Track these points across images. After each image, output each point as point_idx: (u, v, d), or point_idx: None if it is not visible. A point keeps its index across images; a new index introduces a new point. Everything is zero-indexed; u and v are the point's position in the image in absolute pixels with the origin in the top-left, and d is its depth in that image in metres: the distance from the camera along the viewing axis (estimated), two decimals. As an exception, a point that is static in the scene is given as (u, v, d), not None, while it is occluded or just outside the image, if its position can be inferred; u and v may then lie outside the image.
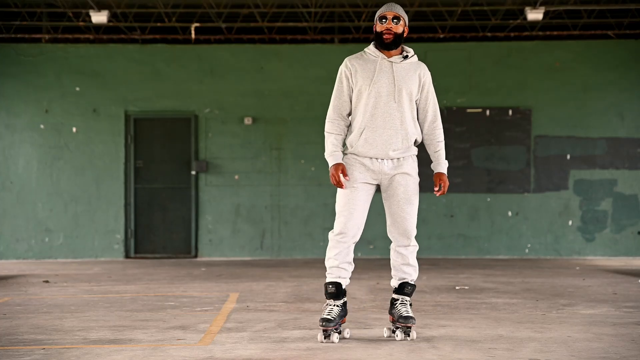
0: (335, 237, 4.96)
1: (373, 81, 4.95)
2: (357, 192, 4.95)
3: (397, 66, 4.99)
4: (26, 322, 5.89)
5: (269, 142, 12.98)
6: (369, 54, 5.04)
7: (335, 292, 4.96)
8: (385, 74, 4.97)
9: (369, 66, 4.99)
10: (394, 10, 4.98)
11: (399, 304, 5.02)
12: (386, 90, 4.95)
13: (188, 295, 7.68)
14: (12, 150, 12.90)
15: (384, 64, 4.98)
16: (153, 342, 5.02)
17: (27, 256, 12.83)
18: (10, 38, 13.01)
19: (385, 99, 4.95)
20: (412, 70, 5.02)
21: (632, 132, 12.94)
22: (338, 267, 4.96)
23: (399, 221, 5.01)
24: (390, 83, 4.96)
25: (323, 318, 4.91)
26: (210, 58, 13.08)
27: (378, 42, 5.01)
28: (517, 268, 10.75)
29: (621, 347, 4.74)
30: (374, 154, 4.96)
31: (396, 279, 5.08)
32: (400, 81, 4.97)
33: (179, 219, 12.98)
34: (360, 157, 4.98)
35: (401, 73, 4.99)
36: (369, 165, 4.97)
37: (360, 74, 4.97)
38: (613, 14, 12.79)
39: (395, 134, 4.96)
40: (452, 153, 12.86)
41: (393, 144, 4.96)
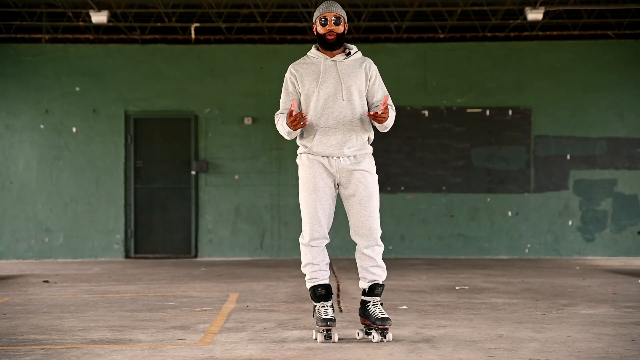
0: (308, 244, 4.98)
1: (319, 82, 4.95)
2: (320, 194, 4.95)
3: (341, 64, 4.99)
4: (26, 322, 5.89)
5: (269, 142, 12.98)
6: (311, 57, 5.04)
7: (325, 293, 4.98)
8: (331, 74, 4.97)
9: (313, 69, 4.99)
10: (334, 11, 4.96)
11: (372, 305, 4.98)
12: (333, 90, 4.95)
13: (188, 295, 7.68)
14: (12, 150, 12.90)
15: (327, 64, 4.98)
16: (153, 342, 5.02)
17: (27, 256, 12.83)
18: (10, 38, 13.01)
19: (334, 97, 4.94)
20: (357, 67, 5.01)
21: (632, 132, 12.94)
22: (320, 270, 4.99)
23: (363, 221, 4.96)
24: (337, 82, 4.96)
25: (325, 319, 4.88)
26: (210, 58, 13.09)
27: (321, 44, 5.00)
28: (517, 268, 10.75)
29: (621, 347, 4.74)
30: (330, 153, 4.95)
31: (365, 281, 5.03)
32: (347, 79, 4.96)
33: (179, 219, 12.98)
34: (317, 156, 4.95)
35: (346, 70, 4.98)
36: (327, 164, 4.95)
37: (306, 77, 4.98)
38: (613, 14, 12.79)
39: (348, 132, 4.94)
40: (452, 153, 12.87)
41: (347, 142, 4.94)
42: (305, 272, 5.04)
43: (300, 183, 5.01)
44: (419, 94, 12.95)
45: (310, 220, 4.96)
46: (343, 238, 12.46)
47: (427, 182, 12.86)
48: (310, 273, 5.01)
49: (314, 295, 4.99)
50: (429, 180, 12.85)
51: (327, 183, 4.97)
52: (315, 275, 5.00)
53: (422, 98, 12.94)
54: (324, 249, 5.01)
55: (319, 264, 4.99)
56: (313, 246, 4.98)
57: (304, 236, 5.01)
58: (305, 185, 4.98)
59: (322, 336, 4.92)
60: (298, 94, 5.02)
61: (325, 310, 4.94)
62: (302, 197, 5.00)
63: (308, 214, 4.96)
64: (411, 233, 12.93)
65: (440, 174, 12.87)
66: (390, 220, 12.87)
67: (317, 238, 4.97)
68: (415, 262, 11.82)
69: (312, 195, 4.95)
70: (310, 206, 4.95)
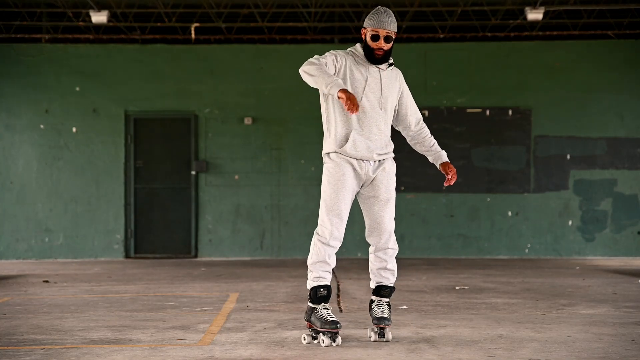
0: (327, 243, 4.86)
1: (365, 87, 4.90)
2: (347, 194, 4.89)
3: (384, 74, 4.97)
4: (26, 322, 5.88)
5: (269, 142, 12.98)
6: (357, 56, 4.96)
7: (326, 294, 4.88)
8: (375, 81, 4.93)
9: (360, 69, 4.93)
10: (387, 28, 4.86)
11: (375, 305, 5.00)
12: (376, 97, 4.93)
13: (188, 295, 7.68)
14: (12, 150, 12.90)
15: (373, 70, 4.94)
16: (153, 342, 5.02)
17: (27, 256, 12.83)
18: (10, 38, 13.01)
19: (374, 104, 4.93)
20: (393, 79, 5.01)
21: (632, 132, 12.94)
22: (328, 271, 4.91)
23: (380, 222, 4.96)
24: (379, 91, 4.94)
25: (331, 321, 4.79)
26: (210, 58, 13.09)
27: (367, 55, 4.92)
28: (517, 268, 10.75)
29: (621, 347, 4.74)
30: (362, 156, 4.92)
31: (373, 282, 5.04)
32: (387, 89, 4.96)
33: (179, 219, 12.98)
34: (349, 157, 4.91)
35: (387, 81, 4.97)
36: (357, 167, 4.92)
37: (354, 75, 4.89)
38: (613, 14, 12.79)
39: (380, 140, 4.96)
40: (452, 153, 12.85)
41: (378, 149, 4.96)
42: (312, 269, 4.89)
43: (327, 180, 4.90)
44: (419, 94, 12.89)
45: (333, 218, 4.86)
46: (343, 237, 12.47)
47: (427, 182, 12.86)
48: (319, 271, 4.87)
49: (314, 295, 4.87)
50: (429, 180, 12.85)
51: (353, 184, 4.92)
52: (324, 275, 4.88)
53: (422, 98, 12.93)
54: (334, 252, 4.92)
55: (330, 265, 4.90)
56: (332, 246, 4.87)
57: (323, 234, 4.87)
58: (332, 183, 4.88)
59: (329, 339, 4.80)
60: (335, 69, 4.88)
61: (328, 312, 4.86)
62: (328, 194, 4.88)
63: (333, 212, 4.86)
64: (411, 233, 12.92)
65: (441, 174, 12.85)
66: (390, 220, 12.85)
67: (338, 238, 4.89)
68: (415, 262, 11.81)
69: (340, 193, 4.87)
70: (335, 204, 4.86)
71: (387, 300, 5.02)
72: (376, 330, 4.96)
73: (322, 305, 4.88)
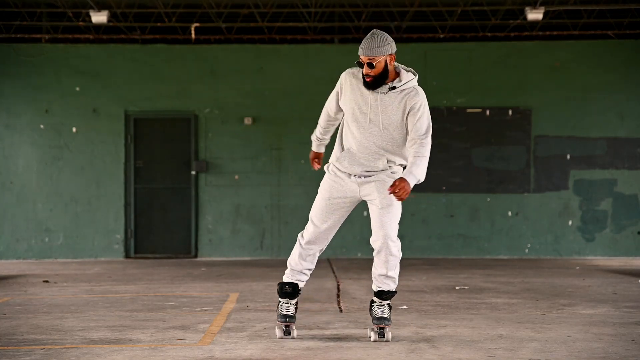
0: (304, 244, 5.11)
1: (360, 105, 4.96)
2: (333, 207, 5.07)
3: (382, 96, 4.94)
4: (26, 322, 5.89)
5: (269, 142, 12.98)
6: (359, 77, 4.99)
7: (291, 291, 5.13)
8: (374, 101, 4.93)
9: (360, 88, 4.95)
10: (368, 55, 4.83)
11: (376, 305, 5.08)
12: (369, 118, 4.95)
13: (188, 295, 7.68)
14: (12, 150, 12.90)
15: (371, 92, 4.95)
16: (153, 342, 5.02)
17: (27, 256, 12.83)
18: (10, 38, 13.00)
19: (369, 125, 4.96)
20: (397, 100, 4.95)
21: (632, 132, 12.94)
22: (301, 271, 5.13)
23: (377, 227, 5.01)
24: (376, 111, 4.94)
25: (284, 315, 5.08)
26: (210, 58, 13.08)
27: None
28: (517, 268, 10.75)
29: (621, 347, 4.75)
30: (353, 172, 5.03)
31: (375, 286, 5.11)
32: (382, 110, 4.94)
33: (179, 219, 12.98)
34: (342, 171, 5.06)
35: (384, 104, 4.93)
36: (348, 181, 5.04)
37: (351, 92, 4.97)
38: (613, 14, 12.79)
39: (373, 159, 5.01)
40: (452, 153, 12.86)
41: (372, 167, 5.02)
42: (288, 265, 5.17)
43: (320, 190, 5.14)
44: (419, 94, 12.92)
45: (315, 223, 5.10)
46: (343, 237, 12.48)
47: (427, 182, 12.76)
48: (290, 269, 5.15)
49: (280, 290, 5.15)
50: (429, 180, 12.76)
51: (341, 197, 5.06)
52: (293, 273, 5.14)
53: (422, 98, 12.91)
54: (315, 255, 5.14)
55: (302, 266, 5.13)
56: (307, 248, 5.11)
57: (304, 235, 5.13)
58: (322, 192, 5.12)
59: (281, 332, 5.07)
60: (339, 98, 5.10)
61: (286, 307, 5.12)
62: (317, 203, 5.13)
63: (317, 220, 5.09)
64: (411, 233, 12.92)
65: (440, 174, 12.86)
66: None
67: (315, 243, 5.11)
68: (415, 262, 11.81)
69: (324, 202, 5.08)
70: (320, 214, 5.09)
71: (388, 302, 5.08)
72: (376, 330, 5.00)
73: (285, 300, 5.14)
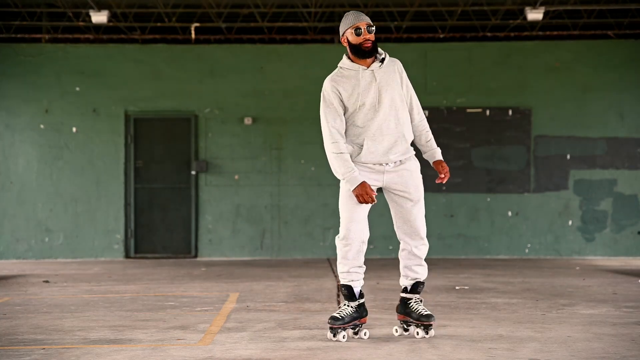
0: (341, 242, 5.04)
1: (361, 95, 4.96)
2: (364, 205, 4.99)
3: (379, 72, 5.00)
4: (26, 322, 5.89)
5: (269, 142, 12.98)
6: (347, 69, 5.01)
7: (348, 294, 5.04)
8: (372, 85, 4.97)
9: (352, 82, 4.98)
10: (365, 20, 5.00)
11: (414, 303, 5.10)
12: (377, 100, 4.97)
13: (188, 295, 7.68)
14: (12, 150, 12.90)
15: (365, 74, 4.98)
16: (153, 342, 5.02)
17: (27, 256, 12.83)
18: (10, 38, 13.01)
19: (378, 107, 4.97)
20: (391, 71, 5.05)
21: (632, 132, 12.94)
22: (348, 271, 5.04)
23: (412, 220, 5.08)
24: (377, 92, 4.97)
25: (332, 316, 4.99)
26: (210, 58, 13.08)
27: (357, 53, 4.97)
28: (517, 268, 10.75)
29: (621, 347, 4.74)
30: (377, 161, 5.00)
31: (408, 279, 5.14)
32: (387, 87, 4.99)
33: (179, 219, 12.98)
34: (365, 165, 5.00)
35: (385, 78, 5.00)
36: (374, 171, 5.01)
37: (348, 92, 4.96)
38: (613, 14, 12.79)
39: (393, 139, 5.00)
40: (452, 153, 12.86)
41: (393, 149, 5.00)
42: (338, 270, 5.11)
43: (343, 193, 5.01)
44: (419, 94, 12.75)
45: (346, 218, 4.99)
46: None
47: (427, 182, 12.80)
48: (340, 272, 5.07)
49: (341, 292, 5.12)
50: (429, 180, 12.78)
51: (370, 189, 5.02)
52: (343, 275, 5.05)
53: (422, 98, 12.72)
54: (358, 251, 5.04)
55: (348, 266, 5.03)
56: (346, 245, 5.02)
57: (340, 234, 5.05)
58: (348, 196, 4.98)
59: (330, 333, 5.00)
60: (343, 108, 4.98)
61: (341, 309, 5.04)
62: (345, 207, 5.01)
63: (345, 213, 5.00)
64: (411, 233, 12.90)
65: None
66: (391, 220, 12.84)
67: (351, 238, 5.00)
68: (415, 262, 11.79)
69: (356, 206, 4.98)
70: (349, 207, 4.98)
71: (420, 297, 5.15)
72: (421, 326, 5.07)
73: (345, 304, 5.06)
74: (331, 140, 4.94)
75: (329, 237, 12.81)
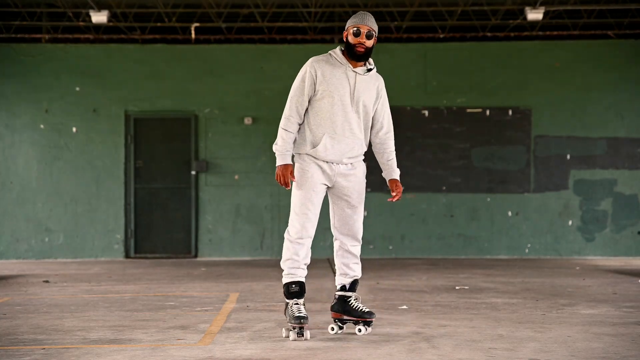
0: (294, 240, 5.09)
1: (338, 89, 5.04)
2: (315, 195, 5.10)
3: (360, 78, 5.09)
4: (26, 322, 5.89)
5: (269, 142, 12.96)
6: (335, 59, 5.10)
7: (299, 290, 5.10)
8: (350, 84, 5.06)
9: (335, 72, 5.06)
10: (368, 25, 5.03)
11: (354, 300, 5.19)
12: (348, 100, 5.06)
13: (188, 295, 7.68)
14: (12, 150, 12.90)
15: (349, 73, 5.07)
16: (153, 342, 5.02)
17: (27, 256, 12.83)
18: (10, 38, 13.01)
19: (348, 108, 5.06)
20: (371, 83, 5.14)
21: (632, 132, 12.94)
22: (299, 267, 5.11)
23: (352, 223, 5.18)
24: (352, 93, 5.07)
25: (299, 317, 5.00)
26: (210, 58, 13.09)
27: (349, 52, 5.06)
28: (517, 268, 10.75)
29: (621, 347, 4.74)
30: (331, 159, 5.09)
31: (347, 277, 5.22)
32: (360, 93, 5.09)
33: (179, 219, 12.98)
34: (318, 160, 5.09)
35: (363, 85, 5.10)
36: (326, 168, 5.10)
37: (326, 78, 5.04)
38: (613, 14, 12.79)
39: (352, 142, 5.11)
40: (452, 153, 12.86)
41: (349, 152, 5.11)
42: (283, 268, 5.14)
43: (297, 180, 5.11)
44: (419, 94, 12.95)
45: (301, 217, 5.09)
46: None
47: (427, 182, 12.86)
48: (288, 269, 5.11)
49: (287, 291, 5.10)
50: (429, 180, 12.84)
51: (323, 186, 5.14)
52: (293, 271, 5.11)
53: (422, 98, 12.93)
54: (308, 248, 5.14)
55: (299, 261, 5.11)
56: (298, 243, 5.09)
57: (290, 232, 5.12)
58: (303, 184, 5.09)
59: (294, 334, 5.02)
60: (313, 90, 5.07)
61: (298, 308, 5.05)
62: (297, 195, 5.13)
63: (300, 211, 5.09)
64: (411, 233, 12.93)
65: (440, 174, 12.86)
66: (390, 220, 12.88)
67: (304, 237, 5.10)
68: (415, 262, 11.81)
69: (307, 194, 5.08)
70: (303, 204, 5.09)
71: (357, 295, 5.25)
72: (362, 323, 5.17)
73: (294, 301, 5.09)
74: (288, 114, 5.09)
75: (329, 237, 12.77)
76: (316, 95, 5.06)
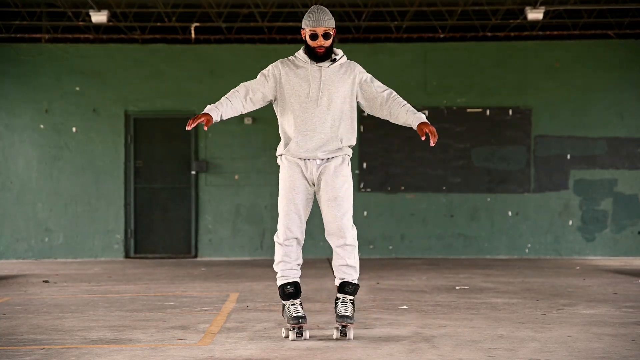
0: (282, 242, 5.09)
1: (303, 87, 5.05)
2: (296, 194, 5.07)
3: (326, 70, 5.07)
4: (26, 322, 5.89)
5: (269, 142, 12.97)
6: (299, 60, 5.12)
7: (294, 291, 5.09)
8: (315, 80, 5.05)
9: (299, 73, 5.08)
10: (324, 25, 5.00)
11: (340, 302, 5.09)
12: (315, 95, 5.05)
13: (188, 295, 7.68)
14: (12, 150, 12.90)
15: (313, 69, 5.07)
16: (153, 342, 5.02)
17: (27, 256, 12.83)
18: (10, 38, 13.01)
19: (314, 103, 5.04)
20: (341, 72, 5.09)
21: (632, 132, 12.94)
22: (291, 269, 5.10)
23: (331, 220, 5.09)
24: (319, 88, 5.05)
25: (296, 317, 4.98)
26: (210, 58, 13.08)
27: (310, 55, 5.06)
28: (517, 268, 10.75)
29: (621, 347, 4.74)
30: (305, 156, 5.06)
31: (336, 279, 5.16)
32: (330, 85, 5.05)
33: (179, 219, 12.98)
34: (294, 157, 5.08)
35: (330, 77, 5.06)
36: (302, 166, 5.08)
37: (291, 79, 5.07)
38: (613, 14, 12.79)
39: (325, 139, 5.05)
40: (452, 153, 12.86)
41: (322, 146, 5.06)
42: (277, 270, 5.14)
43: (280, 183, 5.13)
44: (419, 94, 12.94)
45: (285, 219, 5.08)
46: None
47: (427, 182, 12.86)
48: (281, 271, 5.11)
49: (282, 293, 5.09)
50: (429, 180, 12.84)
51: (303, 184, 5.10)
52: (286, 273, 5.10)
53: (422, 98, 12.92)
54: (297, 249, 5.13)
55: (291, 263, 5.10)
56: (287, 245, 5.09)
57: (278, 235, 5.12)
58: (283, 185, 5.10)
59: (293, 334, 5.00)
60: (273, 91, 5.16)
61: (295, 308, 5.04)
62: (280, 197, 5.12)
63: (284, 213, 5.08)
64: (411, 233, 12.92)
65: (440, 174, 12.86)
66: (390, 220, 12.87)
67: (289, 238, 5.09)
68: (415, 262, 11.81)
69: (288, 194, 5.07)
70: (286, 205, 5.08)
71: (351, 298, 5.10)
72: (339, 328, 5.05)
73: (290, 302, 5.07)
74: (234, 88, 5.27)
75: (329, 237, 12.79)
76: (283, 96, 5.09)
